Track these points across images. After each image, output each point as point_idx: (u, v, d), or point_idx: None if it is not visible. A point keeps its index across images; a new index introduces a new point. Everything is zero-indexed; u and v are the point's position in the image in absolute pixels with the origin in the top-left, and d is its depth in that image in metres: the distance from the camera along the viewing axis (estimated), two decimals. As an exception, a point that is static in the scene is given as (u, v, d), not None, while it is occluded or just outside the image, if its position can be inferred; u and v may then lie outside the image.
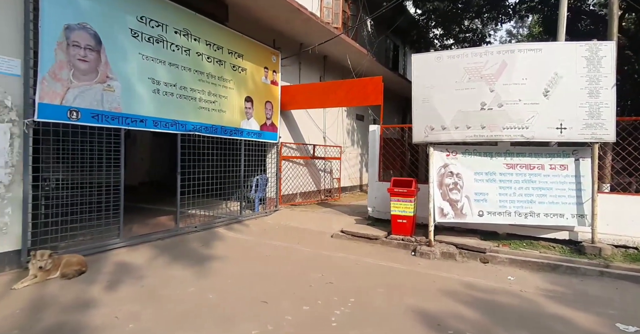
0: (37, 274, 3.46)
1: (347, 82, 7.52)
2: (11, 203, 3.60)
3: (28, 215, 3.68)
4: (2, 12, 3.56)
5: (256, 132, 7.26)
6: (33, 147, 3.71)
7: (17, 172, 3.61)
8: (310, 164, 9.52)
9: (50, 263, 3.51)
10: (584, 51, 4.72)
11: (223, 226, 6.46)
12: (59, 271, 3.59)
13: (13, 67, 3.53)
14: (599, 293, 3.80)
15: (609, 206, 5.00)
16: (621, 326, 2.98)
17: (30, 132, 3.64)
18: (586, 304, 3.46)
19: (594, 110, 4.71)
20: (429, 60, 5.31)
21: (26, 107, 3.63)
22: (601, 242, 4.94)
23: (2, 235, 3.56)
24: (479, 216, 5.27)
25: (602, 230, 5.02)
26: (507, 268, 4.63)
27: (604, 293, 3.80)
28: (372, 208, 6.97)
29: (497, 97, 4.91)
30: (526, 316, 3.17)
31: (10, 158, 3.55)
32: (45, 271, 3.47)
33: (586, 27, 11.65)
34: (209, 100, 6.05)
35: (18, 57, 3.59)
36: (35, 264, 3.44)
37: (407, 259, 4.94)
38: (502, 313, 3.22)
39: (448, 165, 5.33)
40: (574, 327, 3.00)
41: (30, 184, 3.70)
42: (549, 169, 5.13)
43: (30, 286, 3.41)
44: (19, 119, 3.60)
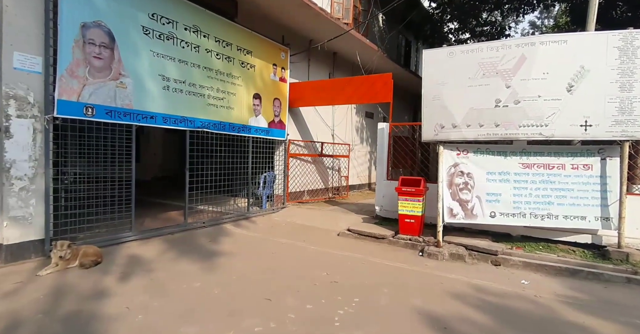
0: (58, 263, 3.78)
1: (356, 79, 7.70)
2: (35, 195, 3.93)
3: (50, 207, 4.01)
4: (26, 10, 3.86)
5: (264, 130, 7.50)
6: (53, 142, 4.03)
7: (39, 166, 3.94)
8: (318, 162, 9.74)
9: (70, 253, 3.83)
10: (616, 41, 4.70)
11: (231, 222, 6.72)
12: (78, 261, 3.90)
13: (35, 64, 3.83)
14: (625, 301, 3.76)
15: (632, 206, 4.97)
16: None
17: (51, 127, 3.95)
18: (610, 313, 3.42)
19: (625, 105, 4.68)
20: (440, 56, 5.44)
21: (47, 104, 3.94)
22: (629, 247, 4.92)
23: (28, 225, 3.91)
24: (491, 217, 5.39)
25: (630, 234, 4.98)
26: (521, 271, 4.71)
27: (631, 301, 3.75)
28: (379, 207, 7.15)
29: (513, 93, 5.01)
30: (541, 323, 3.15)
31: (34, 152, 3.87)
32: (65, 260, 3.79)
33: (622, 14, 11.43)
34: (217, 97, 6.31)
35: (39, 54, 3.89)
36: (57, 253, 3.75)
37: (414, 259, 5.10)
38: (514, 319, 3.22)
39: (458, 164, 5.47)
40: None
41: (51, 178, 4.02)
42: (571, 169, 5.19)
43: (52, 273, 3.74)
44: (40, 115, 3.91)
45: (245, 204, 7.47)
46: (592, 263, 4.78)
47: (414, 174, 8.05)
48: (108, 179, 4.88)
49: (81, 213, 4.42)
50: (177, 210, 7.40)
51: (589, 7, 6.06)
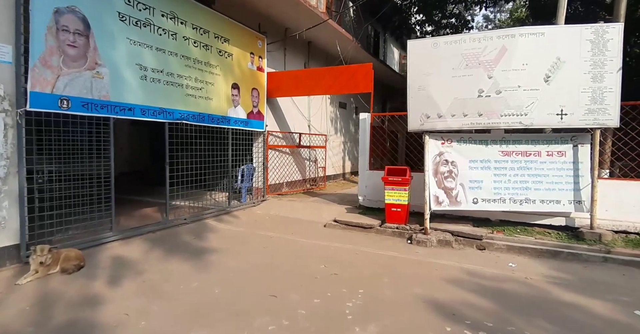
0: (38, 270, 3.51)
1: (336, 69, 7.69)
2: (8, 197, 3.60)
3: (25, 209, 3.69)
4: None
5: (243, 121, 7.33)
6: (26, 138, 3.70)
7: (12, 164, 3.60)
8: (296, 153, 9.69)
9: (50, 258, 3.56)
10: (589, 34, 5.00)
11: (212, 217, 6.56)
12: (59, 266, 3.64)
13: (5, 54, 3.48)
14: (607, 279, 4.05)
15: (608, 191, 5.36)
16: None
17: (23, 122, 3.61)
18: (597, 292, 3.67)
19: (597, 95, 5.02)
20: (425, 47, 5.55)
21: (18, 96, 3.60)
22: (600, 228, 5.33)
23: (1, 230, 3.57)
24: (474, 204, 5.65)
25: (600, 216, 5.37)
26: (505, 254, 5.00)
27: (611, 279, 4.06)
28: (362, 197, 7.26)
29: (495, 83, 5.22)
30: (540, 304, 3.34)
31: (5, 150, 3.53)
32: (45, 266, 3.53)
33: (575, 9, 12.22)
34: (195, 87, 6.07)
35: (9, 43, 3.53)
36: (36, 259, 3.48)
37: (404, 247, 5.26)
38: (513, 301, 3.40)
39: (443, 153, 5.66)
40: (593, 315, 3.14)
41: (25, 177, 3.69)
42: (546, 155, 5.52)
43: (33, 281, 3.46)
44: (11, 109, 3.56)
45: (225, 199, 7.31)
46: (569, 244, 5.15)
47: (394, 164, 8.22)
48: (86, 177, 4.58)
49: (58, 214, 4.13)
50: (153, 207, 7.13)
51: (559, 1, 6.39)
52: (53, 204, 4.10)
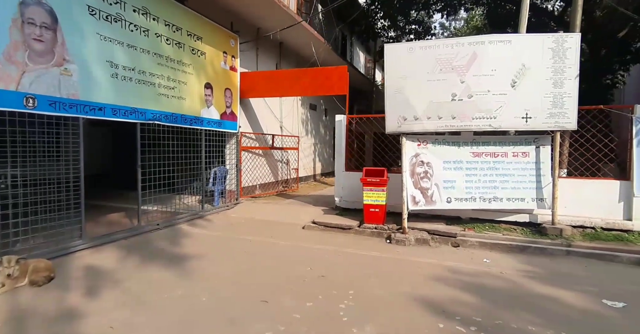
0: (5, 283, 3.21)
1: (312, 71, 7.71)
2: (-31, 204, 3.26)
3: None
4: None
5: (216, 122, 7.16)
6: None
7: (-26, 168, 3.27)
8: (269, 155, 9.60)
9: (18, 270, 3.27)
10: (550, 43, 5.39)
11: (186, 222, 6.34)
12: (27, 278, 3.36)
13: (-33, 46, 3.16)
14: (572, 271, 4.39)
15: (566, 189, 5.77)
16: (608, 302, 3.47)
17: (-13, 122, 3.31)
18: (565, 283, 3.95)
19: (557, 100, 5.41)
20: (401, 51, 5.71)
21: (-20, 94, 3.29)
22: (560, 223, 5.73)
23: (-41, 241, 3.23)
24: (447, 203, 5.89)
25: (560, 212, 5.75)
26: (478, 250, 5.26)
27: (576, 271, 4.40)
28: (339, 198, 7.33)
29: (467, 88, 5.48)
30: (520, 298, 3.54)
31: (-34, 152, 3.21)
32: (13, 278, 3.23)
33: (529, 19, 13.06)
34: (168, 86, 5.85)
35: (-29, 35, 3.21)
36: (3, 271, 3.18)
37: (385, 247, 5.37)
38: (495, 296, 3.58)
39: (419, 154, 5.85)
40: (569, 306, 3.36)
41: (-13, 183, 3.39)
42: (512, 156, 5.88)
43: (0, 295, 3.16)
44: (-26, 107, 3.25)
45: (197, 203, 7.10)
46: (534, 239, 5.51)
47: (358, 165, 8.31)
48: (53, 181, 4.26)
49: (23, 222, 3.80)
50: (120, 212, 6.78)
51: (520, 11, 6.83)
52: (17, 211, 3.77)
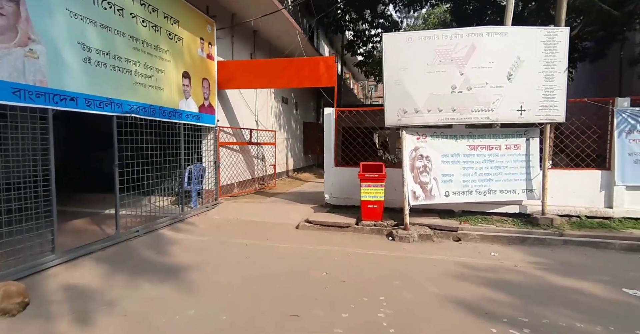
0: (-27, 318, 2.56)
1: (297, 61, 7.29)
2: None
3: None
4: None
5: (195, 115, 6.54)
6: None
7: None
8: (246, 151, 9.06)
9: (-12, 299, 2.62)
10: (542, 36, 5.43)
11: (166, 226, 5.73)
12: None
13: None
14: (576, 261, 4.46)
15: (552, 180, 5.91)
16: (629, 291, 3.52)
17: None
18: (579, 273, 3.98)
19: (548, 93, 5.50)
20: (400, 41, 5.50)
21: None
22: (549, 213, 5.89)
23: None
24: (446, 197, 5.82)
25: (547, 202, 5.90)
26: (481, 244, 5.23)
27: (580, 260, 4.49)
28: (329, 195, 7.04)
29: (466, 80, 5.40)
30: (547, 292, 3.49)
31: None
32: (-18, 311, 2.58)
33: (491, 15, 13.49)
34: (145, 74, 5.17)
35: None
36: (-31, 303, 2.52)
37: (389, 244, 5.17)
38: (524, 291, 3.49)
39: (418, 148, 5.70)
40: (597, 297, 3.37)
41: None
42: (505, 148, 5.93)
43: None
44: None
45: (174, 205, 6.47)
46: (528, 229, 5.61)
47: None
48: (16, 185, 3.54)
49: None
50: (85, 218, 6.02)
51: (507, 5, 6.87)
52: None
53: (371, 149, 11.24)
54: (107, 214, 6.46)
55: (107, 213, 6.56)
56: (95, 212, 6.55)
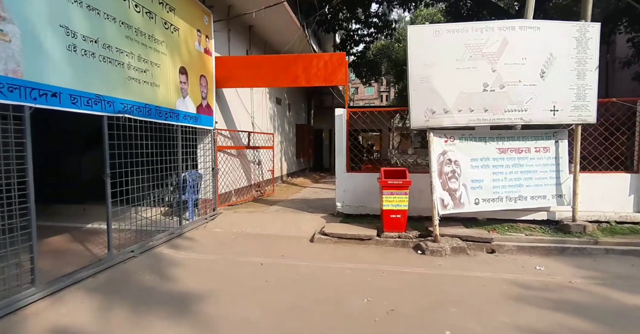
0: None
1: (304, 57, 6.67)
2: None
3: None
4: None
5: (193, 116, 5.82)
6: None
7: None
8: (242, 156, 8.35)
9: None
10: (575, 32, 5.06)
11: (164, 243, 5.00)
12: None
13: None
14: (629, 272, 4.09)
15: (580, 184, 5.50)
16: None
17: None
18: (637, 288, 3.62)
19: (580, 92, 5.13)
20: (426, 34, 4.98)
21: None
22: (579, 219, 5.51)
23: None
24: (475, 205, 5.33)
25: (569, 207, 5.54)
26: (518, 255, 4.76)
27: (632, 272, 4.11)
28: (340, 203, 6.44)
29: (499, 77, 4.94)
30: (622, 314, 3.10)
31: None
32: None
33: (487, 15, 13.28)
34: (139, 68, 4.45)
35: None
36: None
37: (421, 260, 4.62)
38: (595, 314, 3.07)
39: (446, 152, 5.19)
40: None
41: None
42: (535, 152, 5.51)
43: None
44: None
45: (168, 217, 5.74)
46: (562, 238, 5.20)
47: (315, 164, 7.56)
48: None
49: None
50: (63, 234, 5.25)
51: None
52: None
53: (360, 152, 10.73)
54: (90, 230, 5.66)
55: (90, 228, 5.76)
56: (76, 227, 5.73)
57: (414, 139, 28.07)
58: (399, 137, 28.03)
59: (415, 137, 27.09)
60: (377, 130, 19.97)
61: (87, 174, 7.60)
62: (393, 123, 20.60)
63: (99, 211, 3.90)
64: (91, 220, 6.02)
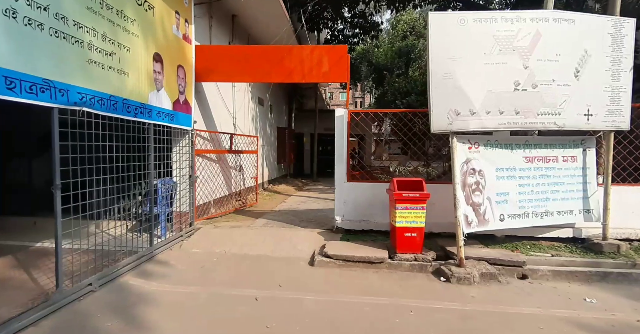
0: None
1: (300, 49, 5.97)
2: None
3: None
4: None
5: (168, 113, 4.99)
6: None
7: None
8: (223, 161, 7.50)
9: None
10: (610, 27, 4.64)
11: (130, 271, 4.13)
12: None
13: None
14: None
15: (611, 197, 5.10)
16: None
17: None
18: None
19: (615, 95, 4.72)
20: (449, 23, 4.40)
21: None
22: (608, 238, 5.05)
23: None
24: (500, 221, 4.76)
25: (598, 224, 5.13)
26: (556, 283, 4.22)
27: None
28: (340, 217, 5.74)
29: (531, 75, 4.43)
30: None
31: None
32: None
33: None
34: (104, 50, 3.61)
35: None
36: None
37: (448, 290, 3.96)
38: None
39: (470, 160, 4.61)
40: None
41: None
42: (562, 161, 5.04)
43: None
44: None
45: (135, 233, 4.85)
46: (595, 259, 4.76)
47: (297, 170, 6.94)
48: None
49: None
50: (5, 257, 4.25)
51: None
52: None
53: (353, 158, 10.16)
54: (40, 250, 4.74)
55: (40, 248, 4.83)
56: (22, 247, 4.80)
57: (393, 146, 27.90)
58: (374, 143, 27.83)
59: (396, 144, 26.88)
60: (355, 135, 19.50)
61: (39, 180, 6.56)
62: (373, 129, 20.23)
63: (52, 225, 3.03)
64: (42, 237, 5.07)
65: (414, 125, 5.88)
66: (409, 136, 5.76)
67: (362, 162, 6.36)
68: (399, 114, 5.62)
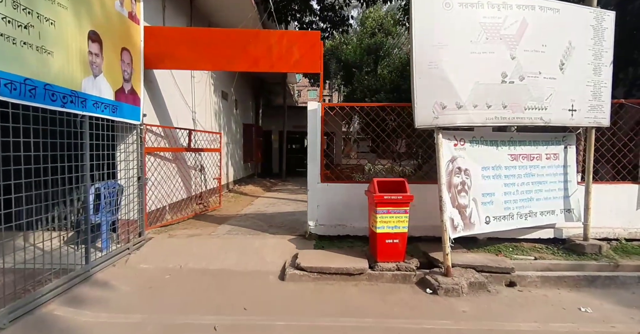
0: None
1: (268, 34, 5.30)
2: None
3: None
4: None
5: (109, 104, 4.18)
6: None
7: None
8: (180, 160, 6.69)
9: None
10: (592, 19, 4.40)
11: (59, 296, 3.33)
12: None
13: None
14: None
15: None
16: None
17: None
18: None
19: (597, 90, 4.50)
20: (435, 7, 3.90)
21: None
22: (589, 238, 4.86)
23: None
24: (486, 224, 4.38)
25: (577, 225, 4.93)
26: (546, 290, 3.88)
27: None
28: (314, 222, 5.16)
29: (518, 66, 4.05)
30: None
31: None
32: None
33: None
34: (15, 20, 2.81)
35: None
36: None
37: (437, 304, 3.49)
38: None
39: (456, 159, 4.17)
40: None
41: None
42: (545, 159, 4.75)
43: None
44: None
45: (72, 246, 4.02)
46: (578, 261, 4.58)
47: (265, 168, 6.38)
48: None
49: None
50: None
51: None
52: None
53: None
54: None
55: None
56: None
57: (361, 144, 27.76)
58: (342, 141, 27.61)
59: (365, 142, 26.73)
60: (326, 133, 19.01)
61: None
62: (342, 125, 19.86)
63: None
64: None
65: (384, 122, 5.42)
66: (377, 132, 5.28)
67: (331, 163, 5.83)
68: (371, 112, 5.10)
